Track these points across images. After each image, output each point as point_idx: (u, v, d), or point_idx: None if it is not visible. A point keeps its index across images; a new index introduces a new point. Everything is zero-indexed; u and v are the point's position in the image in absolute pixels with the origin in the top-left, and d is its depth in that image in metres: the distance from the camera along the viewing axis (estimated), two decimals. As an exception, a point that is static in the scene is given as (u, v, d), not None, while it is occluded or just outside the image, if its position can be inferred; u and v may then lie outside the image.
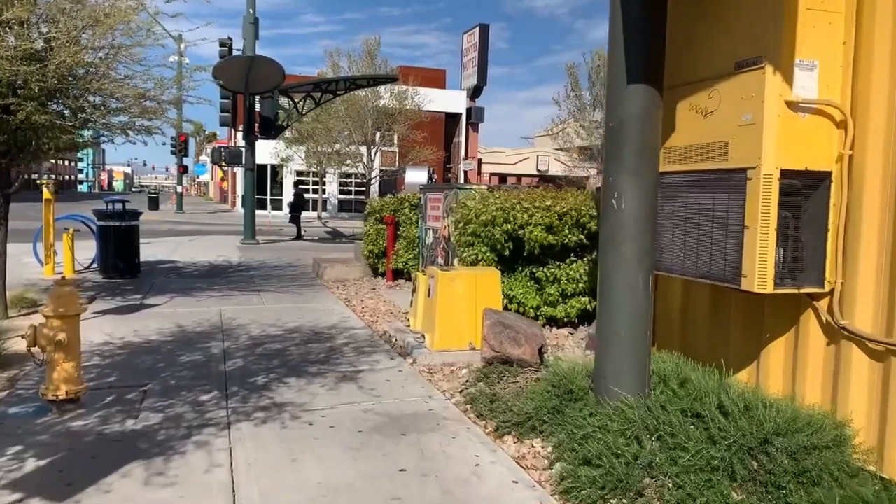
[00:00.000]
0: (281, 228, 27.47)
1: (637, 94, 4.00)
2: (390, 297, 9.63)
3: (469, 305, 6.29)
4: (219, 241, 19.31)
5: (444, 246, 8.83)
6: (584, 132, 26.69)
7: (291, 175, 40.61)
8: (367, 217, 11.58)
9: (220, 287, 10.46)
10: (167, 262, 13.60)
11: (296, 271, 12.69)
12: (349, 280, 11.27)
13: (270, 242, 19.84)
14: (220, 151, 18.56)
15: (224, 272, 12.35)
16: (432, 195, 9.35)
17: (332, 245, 20.11)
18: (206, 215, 39.00)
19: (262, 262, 14.14)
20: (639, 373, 4.09)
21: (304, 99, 19.51)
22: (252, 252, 16.30)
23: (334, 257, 13.59)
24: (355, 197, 44.56)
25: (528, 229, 6.70)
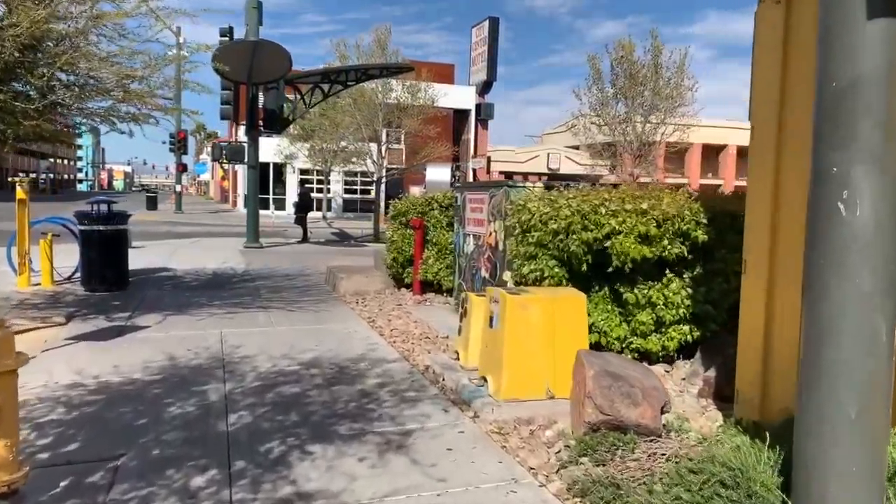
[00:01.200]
0: (285, 229, 26.01)
1: (887, 34, 2.52)
2: (422, 316, 8.15)
3: (545, 339, 4.82)
4: (219, 245, 17.83)
5: (490, 256, 7.35)
6: (608, 128, 25.18)
7: (295, 174, 39.17)
8: (392, 219, 10.10)
9: (222, 302, 8.98)
10: (162, 270, 12.12)
11: (307, 281, 11.21)
12: (369, 293, 9.80)
13: (275, 246, 18.37)
14: (220, 148, 17.09)
15: (226, 283, 10.87)
16: (473, 195, 7.87)
17: (342, 248, 18.63)
18: (206, 215, 37.54)
19: (268, 269, 12.66)
20: (875, 475, 2.62)
21: (312, 90, 18.03)
22: (256, 257, 14.82)
23: (349, 265, 12.10)
24: (361, 196, 43.11)
25: (618, 240, 5.22)
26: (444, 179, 13.51)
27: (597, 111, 25.32)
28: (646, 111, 24.13)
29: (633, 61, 24.00)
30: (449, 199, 9.54)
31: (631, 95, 23.93)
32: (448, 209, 9.55)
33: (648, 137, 24.56)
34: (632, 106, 24.15)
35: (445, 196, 9.61)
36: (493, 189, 7.37)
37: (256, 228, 17.59)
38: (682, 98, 23.78)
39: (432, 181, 13.42)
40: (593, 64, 24.88)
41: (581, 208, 5.51)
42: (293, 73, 17.07)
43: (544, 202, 5.95)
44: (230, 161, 17.37)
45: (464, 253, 8.13)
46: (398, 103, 21.97)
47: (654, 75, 23.60)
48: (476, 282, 7.74)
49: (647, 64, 23.78)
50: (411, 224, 9.36)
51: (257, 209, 17.73)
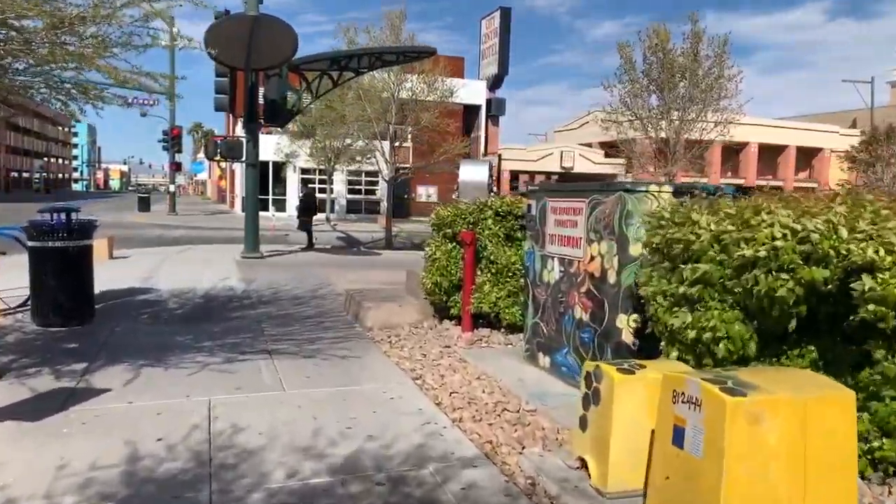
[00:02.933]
0: (286, 234, 23.81)
1: None
2: (484, 367, 6.00)
3: (792, 478, 2.65)
4: (215, 254, 15.64)
5: (592, 291, 5.19)
6: (640, 123, 22.95)
7: (296, 173, 37.00)
8: (434, 232, 7.92)
9: (213, 344, 6.80)
10: (141, 291, 9.94)
11: (321, 307, 9.03)
12: (403, 327, 7.63)
13: (277, 254, 16.19)
14: (215, 144, 14.89)
15: (220, 311, 8.68)
16: (559, 203, 5.69)
17: (353, 258, 16.45)
18: (202, 217, 35.34)
19: (271, 288, 10.47)
20: None
21: (319, 78, 15.84)
22: (257, 271, 12.63)
23: (372, 287, 9.92)
24: (365, 197, 40.97)
25: (883, 279, 3.06)
26: (480, 179, 11.34)
27: (627, 105, 23.08)
28: (683, 104, 21.92)
29: (668, 50, 21.83)
30: (509, 206, 7.37)
31: (668, 87, 21.73)
32: (506, 218, 7.38)
33: (686, 134, 22.35)
34: (668, 99, 21.94)
35: (504, 202, 7.44)
36: (595, 194, 5.20)
37: (256, 235, 15.41)
38: (724, 90, 21.61)
39: (467, 182, 11.26)
40: (624, 53, 22.66)
41: (801, 227, 3.34)
42: (298, 58, 14.87)
43: (720, 216, 3.78)
44: (226, 158, 15.19)
45: (542, 281, 5.96)
46: (413, 95, 19.76)
47: (693, 64, 21.42)
48: (565, 324, 5.57)
49: (684, 51, 21.59)
50: (460, 238, 7.19)
51: (257, 214, 15.54)
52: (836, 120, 55.66)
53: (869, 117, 52.18)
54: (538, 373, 5.90)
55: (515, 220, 7.37)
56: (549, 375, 5.79)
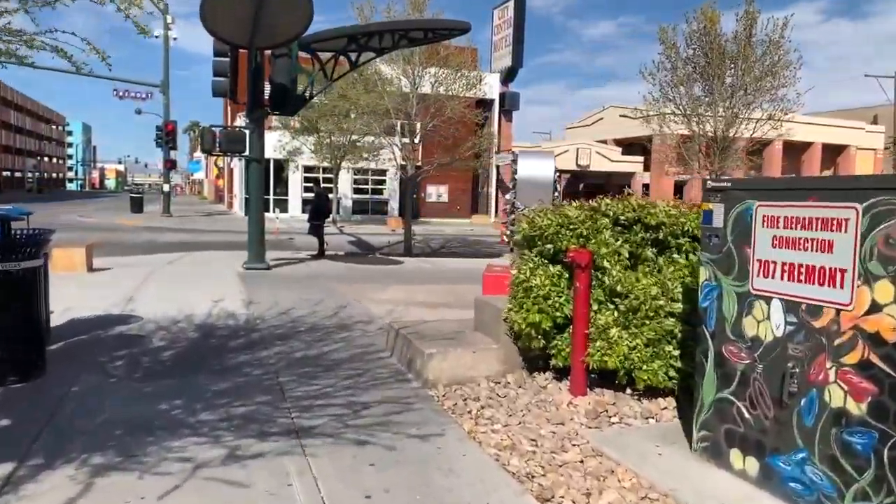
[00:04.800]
0: (292, 238, 21.59)
1: None
2: (632, 464, 3.78)
3: None
4: (212, 264, 13.39)
5: (876, 366, 2.95)
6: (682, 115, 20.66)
7: (298, 171, 34.77)
8: (526, 248, 5.65)
9: (211, 418, 4.55)
10: (119, 320, 7.69)
11: (354, 343, 6.77)
12: (479, 382, 5.41)
13: (285, 263, 13.94)
14: (212, 133, 12.63)
15: (219, 353, 6.41)
16: (787, 208, 3.45)
17: (374, 268, 14.20)
18: (198, 219, 33.05)
19: (285, 315, 8.22)
20: None
21: (335, 59, 13.59)
22: (264, 288, 10.38)
23: (424, 320, 7.68)
24: (372, 197, 38.75)
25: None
26: (544, 176, 9.11)
27: (667, 95, 20.83)
28: (733, 93, 19.68)
29: (717, 34, 19.60)
30: (637, 211, 5.14)
31: (717, 74, 19.48)
32: (632, 229, 5.16)
33: (736, 128, 20.10)
34: (716, 88, 19.70)
35: (628, 205, 5.20)
36: (883, 195, 2.96)
37: (262, 242, 13.16)
38: (781, 78, 19.39)
39: (527, 179, 9.02)
40: (665, 38, 20.41)
41: None
42: (309, 35, 12.64)
43: None
44: (226, 152, 12.93)
45: (742, 335, 3.72)
46: (437, 83, 17.50)
47: (747, 50, 19.18)
48: (803, 413, 3.34)
49: (737, 35, 19.35)
50: (569, 259, 4.93)
51: (262, 217, 13.29)
52: (856, 117, 53.55)
53: (890, 113, 50.24)
54: (737, 484, 3.66)
55: (646, 231, 5.14)
56: (761, 490, 3.56)
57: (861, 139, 50.88)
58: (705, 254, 4.00)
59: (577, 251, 4.88)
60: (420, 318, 7.82)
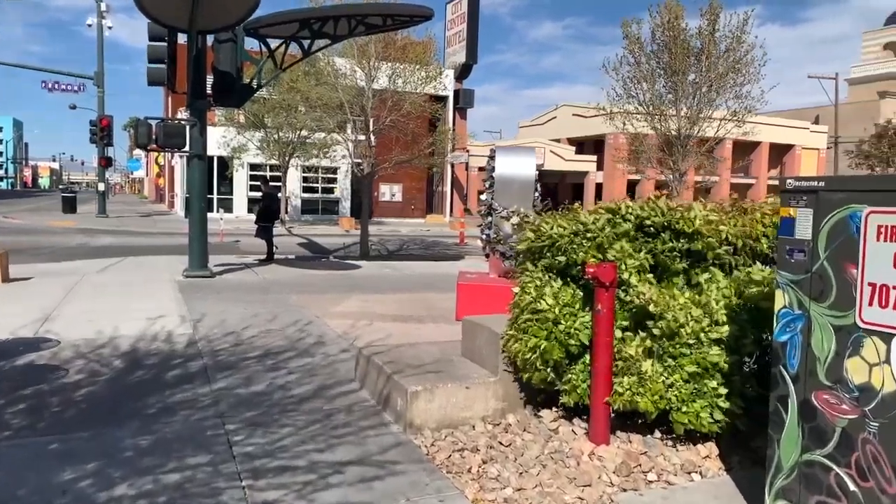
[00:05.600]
0: (237, 241, 20.22)
1: None
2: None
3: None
4: (149, 272, 12.04)
5: None
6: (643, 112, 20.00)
7: (244, 169, 33.16)
8: (529, 261, 4.65)
9: (127, 493, 3.44)
10: (29, 346, 6.42)
11: (317, 373, 5.68)
12: (474, 426, 4.45)
13: (231, 270, 12.69)
14: (148, 127, 11.31)
15: (148, 391, 5.24)
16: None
17: (329, 274, 13.06)
18: (136, 220, 31.14)
19: (232, 334, 7.06)
20: None
21: (286, 46, 12.40)
22: (207, 300, 9.18)
23: (399, 343, 6.66)
24: (322, 196, 37.31)
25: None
26: (525, 175, 8.16)
27: (630, 91, 20.20)
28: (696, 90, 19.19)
29: (681, 28, 19.06)
30: (665, 215, 4.24)
31: (681, 69, 18.95)
32: (659, 236, 4.26)
33: (700, 126, 19.61)
34: (680, 84, 19.16)
35: (655, 207, 4.29)
36: None
37: (204, 247, 11.89)
38: (746, 75, 18.98)
39: (507, 178, 8.06)
40: (629, 32, 19.77)
41: None
42: (258, 18, 11.44)
43: None
44: (164, 147, 11.62)
45: (846, 382, 2.83)
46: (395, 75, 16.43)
47: (710, 45, 18.69)
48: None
49: (701, 30, 18.85)
50: (590, 275, 3.97)
51: (205, 220, 12.01)
52: (799, 117, 54.61)
53: (831, 113, 51.52)
54: (845, 581, 2.77)
55: (677, 240, 4.24)
56: (879, 592, 2.67)
57: (806, 139, 51.89)
58: (784, 273, 3.10)
59: (600, 266, 3.94)
60: (389, 336, 6.81)
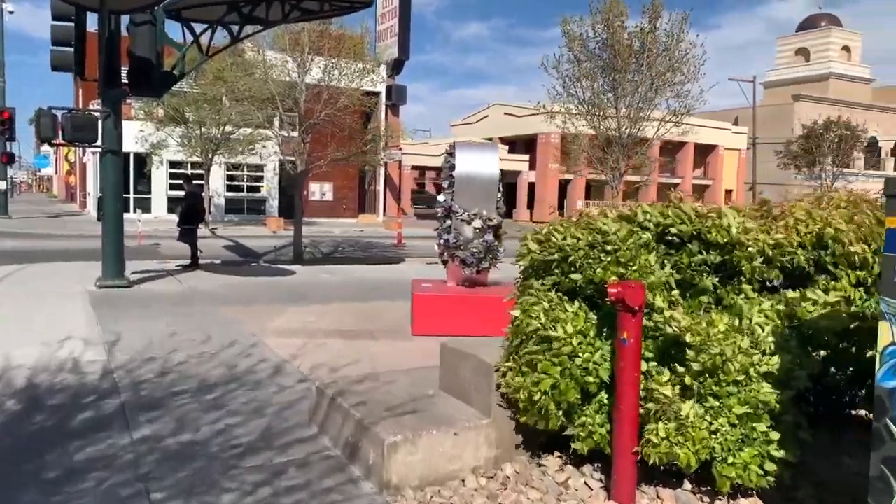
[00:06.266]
0: (157, 244, 18.72)
1: None
2: None
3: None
4: (55, 284, 10.66)
5: None
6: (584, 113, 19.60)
7: (164, 166, 31.19)
8: (531, 277, 3.84)
9: None
10: None
11: (263, 412, 4.72)
12: (464, 480, 3.67)
13: (151, 278, 11.44)
14: (52, 119, 9.98)
15: (48, 444, 4.18)
16: None
17: (261, 281, 11.96)
18: (43, 221, 28.78)
19: (155, 361, 6.00)
20: None
21: (212, 31, 11.23)
22: (125, 317, 8.02)
23: (372, 378, 5.78)
24: (248, 195, 35.64)
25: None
26: (488, 174, 7.40)
27: (570, 91, 19.83)
28: (635, 90, 18.96)
29: (621, 26, 18.78)
30: (692, 223, 3.55)
31: (622, 68, 18.66)
32: (686, 248, 3.57)
33: (640, 125, 19.41)
34: (622, 83, 18.88)
35: (678, 215, 3.58)
36: None
37: (120, 253, 10.63)
38: (687, 74, 18.86)
39: (468, 176, 7.28)
40: (568, 29, 19.37)
41: None
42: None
43: None
44: (73, 142, 10.31)
45: None
46: (330, 67, 15.42)
47: (651, 43, 18.47)
48: None
49: (642, 28, 18.61)
50: (614, 297, 3.22)
51: (121, 223, 10.75)
52: (718, 118, 56.24)
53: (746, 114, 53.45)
54: None
55: (706, 251, 3.56)
56: None
57: (727, 139, 53.44)
58: (889, 301, 2.43)
59: (627, 286, 3.20)
60: (340, 357, 5.92)
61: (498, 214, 7.62)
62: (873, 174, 44.11)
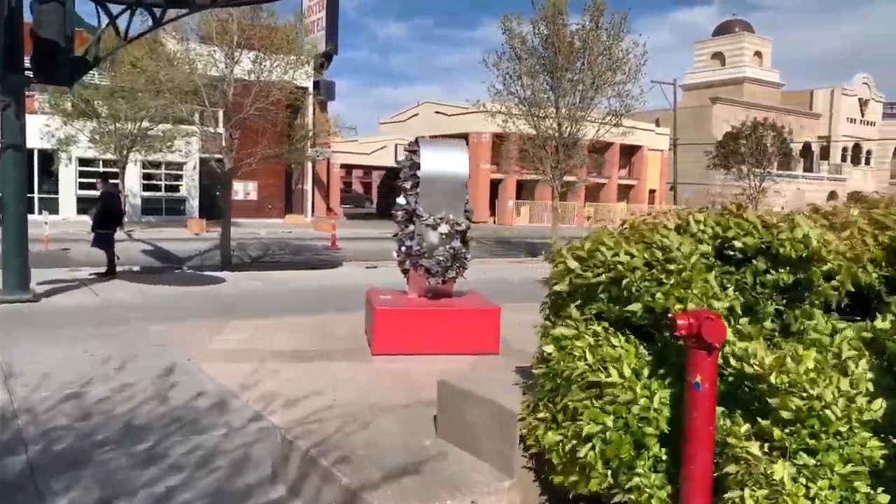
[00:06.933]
0: (68, 248, 17.10)
1: None
2: None
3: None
4: (-55, 297, 9.25)
5: None
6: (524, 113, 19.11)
7: (73, 164, 28.95)
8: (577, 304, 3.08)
9: None
10: None
11: (215, 474, 3.81)
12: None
13: (62, 289, 10.14)
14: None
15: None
16: None
17: (189, 291, 10.82)
18: (-66, 223, 26.08)
19: (71, 403, 4.96)
20: None
21: (131, 12, 10.02)
22: (28, 340, 6.85)
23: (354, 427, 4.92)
24: (166, 195, 33.62)
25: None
26: (456, 173, 6.67)
27: (509, 88, 19.32)
28: (574, 88, 18.63)
29: (563, 23, 18.40)
30: (759, 235, 2.92)
31: (564, 66, 18.28)
32: (749, 266, 2.93)
33: (579, 128, 19.09)
34: (563, 82, 18.49)
35: (741, 225, 2.95)
36: None
37: (24, 261, 9.34)
38: (628, 73, 18.66)
39: (435, 176, 6.53)
40: (509, 26, 18.85)
41: None
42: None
43: None
44: (-36, 135, 8.92)
45: None
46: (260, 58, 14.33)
47: (594, 41, 18.16)
48: None
49: (585, 26, 18.28)
50: (681, 331, 2.55)
51: (25, 224, 9.44)
52: (640, 119, 57.50)
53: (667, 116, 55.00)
54: None
55: (775, 269, 2.94)
56: None
57: (651, 140, 54.62)
58: None
59: (701, 316, 2.53)
60: (298, 386, 5.06)
61: (466, 218, 6.90)
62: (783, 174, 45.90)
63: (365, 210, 53.96)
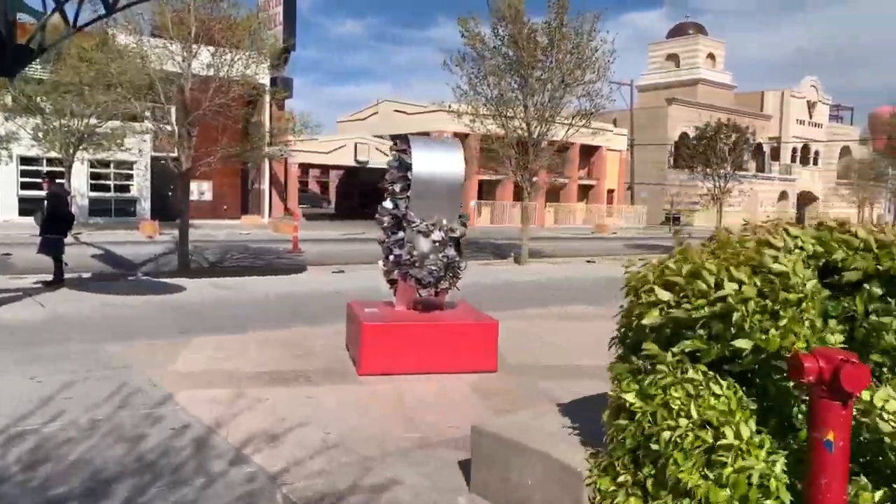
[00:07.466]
0: (9, 253, 15.91)
1: None
2: None
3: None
4: None
5: None
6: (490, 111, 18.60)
7: (13, 163, 27.34)
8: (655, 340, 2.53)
9: None
10: None
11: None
12: None
13: (3, 300, 9.20)
14: None
15: None
16: None
17: (146, 300, 9.97)
18: None
19: (19, 447, 4.23)
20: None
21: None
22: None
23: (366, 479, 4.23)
24: (115, 195, 32.12)
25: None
26: (451, 174, 6.09)
27: (477, 90, 18.78)
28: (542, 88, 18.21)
29: (524, 22, 17.93)
30: (869, 258, 2.43)
31: (529, 63, 17.82)
32: (861, 291, 2.44)
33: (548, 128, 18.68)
34: (531, 82, 18.05)
35: (847, 242, 2.46)
36: None
37: (-40, 273, 8.38)
38: (598, 71, 18.32)
39: (428, 178, 5.95)
40: (466, 27, 18.27)
41: None
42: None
43: None
44: None
45: None
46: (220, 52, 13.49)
47: (560, 40, 17.76)
48: None
49: (549, 24, 17.86)
50: (808, 377, 2.04)
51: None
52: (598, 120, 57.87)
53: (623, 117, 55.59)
54: None
55: (892, 295, 2.46)
56: None
57: (609, 141, 54.88)
58: None
59: (835, 358, 2.03)
60: (282, 420, 4.42)
61: (461, 224, 6.34)
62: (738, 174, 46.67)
63: (323, 210, 52.89)
